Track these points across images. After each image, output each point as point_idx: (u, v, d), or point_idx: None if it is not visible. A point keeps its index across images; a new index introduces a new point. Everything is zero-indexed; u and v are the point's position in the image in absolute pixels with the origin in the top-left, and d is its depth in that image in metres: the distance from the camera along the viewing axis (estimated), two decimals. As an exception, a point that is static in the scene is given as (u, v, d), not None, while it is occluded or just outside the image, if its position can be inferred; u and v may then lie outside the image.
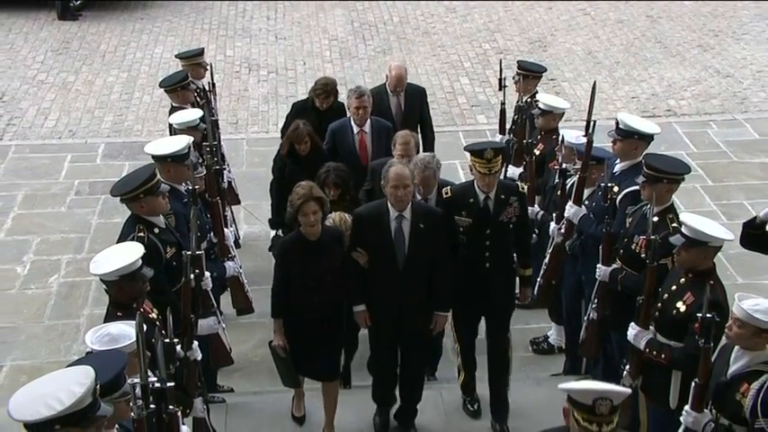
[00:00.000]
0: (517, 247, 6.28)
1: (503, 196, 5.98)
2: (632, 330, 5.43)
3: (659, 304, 5.36)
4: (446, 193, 6.12)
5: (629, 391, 3.80)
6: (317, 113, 7.80)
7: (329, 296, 5.87)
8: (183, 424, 4.74)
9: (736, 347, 4.67)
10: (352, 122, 7.46)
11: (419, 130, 7.92)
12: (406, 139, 6.73)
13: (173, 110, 7.93)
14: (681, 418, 4.84)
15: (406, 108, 7.97)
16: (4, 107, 11.85)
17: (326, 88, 7.81)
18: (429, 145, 8.02)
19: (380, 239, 5.82)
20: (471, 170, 5.99)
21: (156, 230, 5.69)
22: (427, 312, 6.02)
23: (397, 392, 6.31)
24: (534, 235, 7.22)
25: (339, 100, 8.03)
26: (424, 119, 8.20)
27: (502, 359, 6.30)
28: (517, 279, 6.45)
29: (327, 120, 7.73)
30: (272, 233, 7.75)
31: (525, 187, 6.32)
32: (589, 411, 3.62)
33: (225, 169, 8.09)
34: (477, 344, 6.42)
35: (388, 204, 5.80)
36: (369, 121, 7.44)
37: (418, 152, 6.85)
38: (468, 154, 6.03)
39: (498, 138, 8.33)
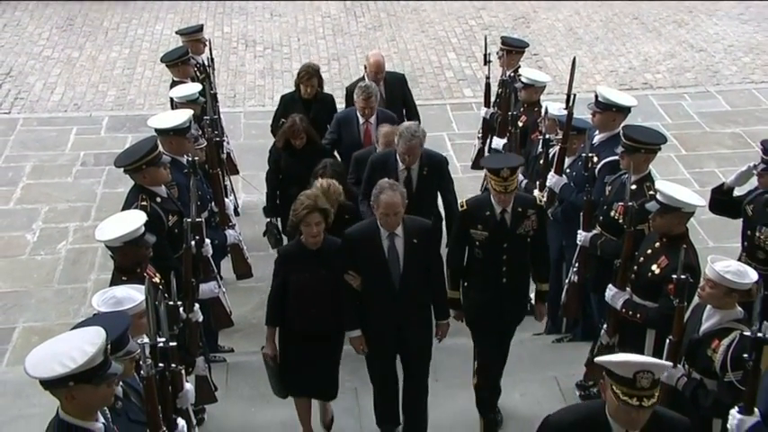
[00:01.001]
0: (534, 261, 5.72)
1: (520, 209, 5.47)
2: (610, 292, 5.46)
3: (635, 267, 5.38)
4: (462, 206, 5.59)
5: (669, 364, 3.56)
6: (303, 104, 7.60)
7: (326, 309, 5.37)
8: (187, 381, 4.76)
9: (708, 307, 4.70)
10: (358, 113, 7.17)
11: (404, 116, 7.69)
12: (389, 139, 6.43)
13: (173, 84, 7.88)
14: (656, 374, 4.87)
15: (387, 96, 7.69)
16: (12, 82, 11.76)
17: (309, 70, 7.62)
18: None
19: (374, 260, 5.34)
20: (487, 184, 5.53)
21: (159, 200, 5.67)
22: (426, 326, 5.60)
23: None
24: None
25: (326, 92, 7.84)
26: (408, 104, 7.93)
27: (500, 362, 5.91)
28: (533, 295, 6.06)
29: (315, 110, 7.56)
30: (267, 220, 7.54)
31: (543, 199, 5.78)
32: (629, 385, 3.39)
33: (224, 141, 8.07)
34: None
35: (378, 223, 5.34)
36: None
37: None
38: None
39: (483, 111, 8.29)
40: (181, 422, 4.23)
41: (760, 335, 4.15)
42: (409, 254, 5.33)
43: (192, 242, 5.43)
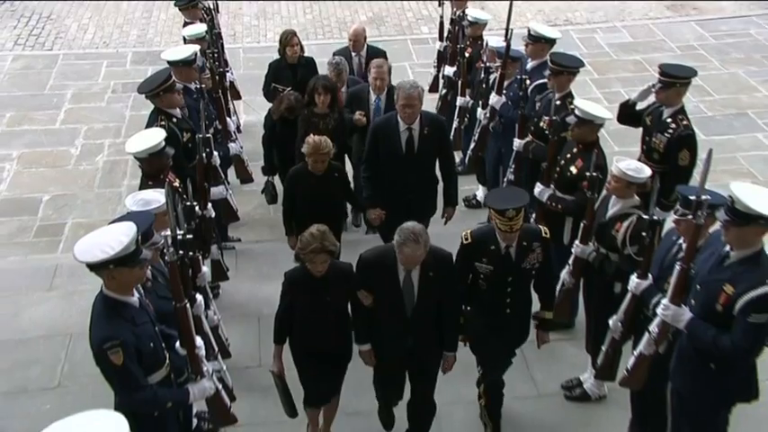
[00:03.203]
0: (539, 290, 4.58)
1: (525, 243, 4.29)
2: (538, 188, 5.44)
3: (558, 168, 5.36)
4: (466, 239, 4.36)
5: None
6: (289, 68, 6.99)
7: (331, 332, 4.38)
8: (204, 265, 4.75)
9: (613, 197, 4.71)
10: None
11: None
12: (380, 63, 6.03)
13: (185, 24, 7.59)
14: (572, 250, 4.91)
15: (366, 67, 6.88)
16: (52, 24, 11.32)
17: (288, 33, 7.00)
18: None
19: (388, 287, 4.23)
20: (490, 220, 4.34)
21: (174, 120, 5.53)
22: (436, 347, 4.46)
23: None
24: (466, 119, 7.15)
25: (307, 55, 7.16)
26: None
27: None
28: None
29: (301, 74, 6.86)
30: (265, 178, 6.85)
31: (548, 232, 4.42)
32: None
33: (228, 71, 7.84)
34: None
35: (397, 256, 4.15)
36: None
37: (390, 75, 6.07)
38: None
39: (438, 44, 8.09)
40: (199, 297, 4.24)
41: (655, 218, 4.20)
42: (424, 286, 4.21)
43: (204, 154, 5.34)
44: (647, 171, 4.61)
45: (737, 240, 3.60)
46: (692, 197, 3.78)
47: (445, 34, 7.99)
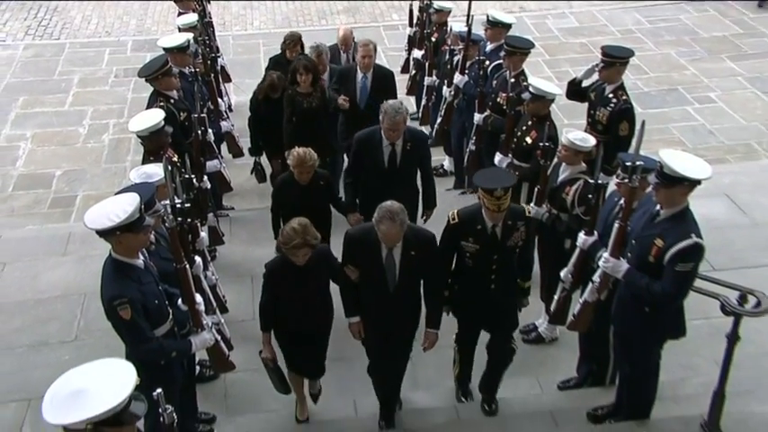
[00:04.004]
0: (520, 264, 4.20)
1: (510, 222, 3.97)
2: (497, 157, 5.44)
3: (515, 139, 5.35)
4: (453, 219, 4.02)
5: None
6: (288, 63, 6.53)
7: (315, 316, 4.12)
8: (202, 231, 4.70)
9: (563, 164, 4.71)
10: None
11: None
12: (366, 42, 5.83)
13: (179, 14, 7.39)
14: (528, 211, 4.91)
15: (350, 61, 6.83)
16: (59, 15, 11.04)
17: (293, 38, 6.66)
18: None
19: (371, 264, 3.92)
20: (479, 199, 3.97)
21: (172, 101, 5.41)
22: (414, 319, 4.18)
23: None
24: (433, 96, 7.10)
25: (305, 53, 6.79)
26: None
27: (502, 366, 4.46)
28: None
29: None
30: (253, 159, 6.53)
31: (531, 211, 4.21)
32: None
33: (219, 56, 7.68)
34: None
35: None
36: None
37: (376, 53, 5.91)
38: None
39: (408, 30, 7.98)
40: (198, 259, 4.19)
41: (599, 181, 4.21)
42: (405, 265, 3.90)
43: (199, 131, 5.26)
44: (592, 141, 4.62)
45: (666, 200, 3.63)
46: (629, 163, 3.80)
47: (414, 21, 7.89)
